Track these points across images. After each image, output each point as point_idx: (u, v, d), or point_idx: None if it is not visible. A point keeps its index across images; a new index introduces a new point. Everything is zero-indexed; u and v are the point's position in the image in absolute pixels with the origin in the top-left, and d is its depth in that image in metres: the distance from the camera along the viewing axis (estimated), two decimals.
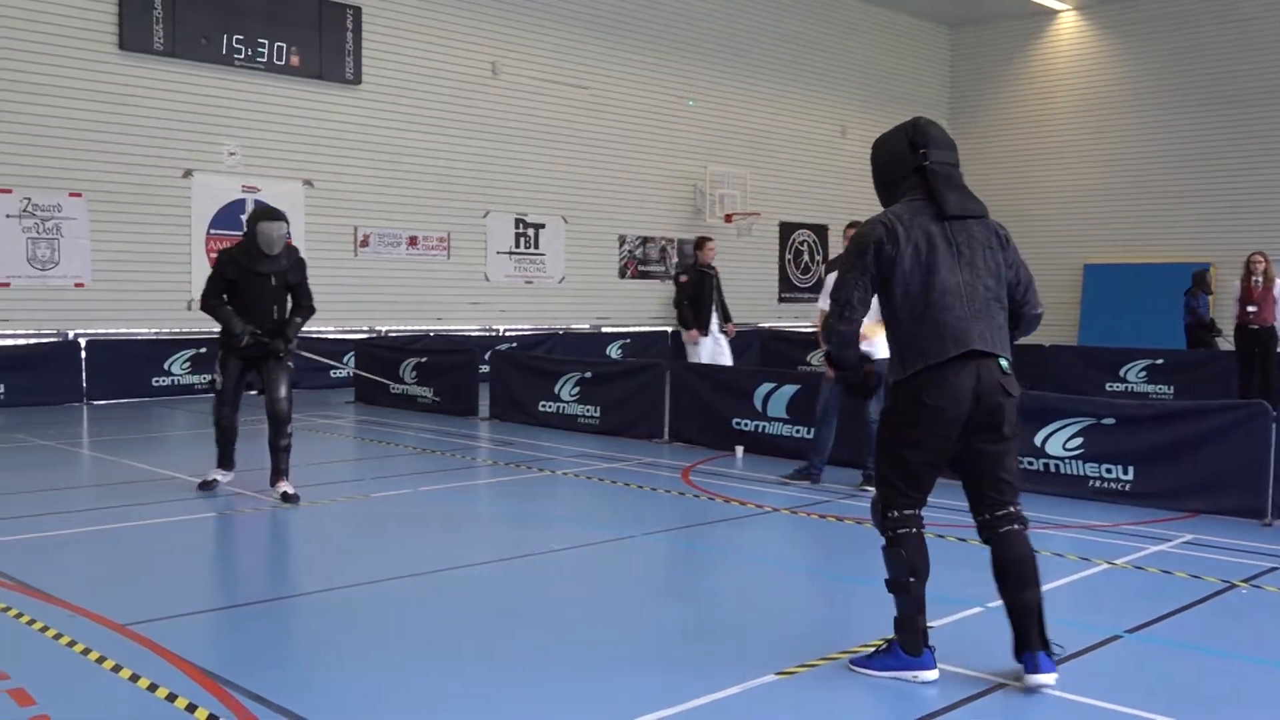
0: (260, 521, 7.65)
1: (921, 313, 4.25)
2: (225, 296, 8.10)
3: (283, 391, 8.13)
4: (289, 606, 5.60)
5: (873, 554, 6.95)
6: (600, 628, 5.17)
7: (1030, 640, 4.33)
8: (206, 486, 8.42)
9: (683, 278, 12.61)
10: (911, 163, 4.42)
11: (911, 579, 4.41)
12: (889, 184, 4.53)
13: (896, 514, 4.46)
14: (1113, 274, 24.50)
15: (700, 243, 12.96)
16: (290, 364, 8.29)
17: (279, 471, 8.19)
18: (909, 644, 4.44)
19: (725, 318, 13.00)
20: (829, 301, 4.51)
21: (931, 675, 4.44)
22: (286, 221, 8.20)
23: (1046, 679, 4.29)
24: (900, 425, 4.38)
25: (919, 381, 4.26)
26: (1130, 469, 8.25)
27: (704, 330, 12.54)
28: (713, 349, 12.64)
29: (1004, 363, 4.30)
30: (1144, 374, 15.95)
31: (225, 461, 8.51)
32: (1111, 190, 24.98)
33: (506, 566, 6.34)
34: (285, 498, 8.03)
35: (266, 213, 8.16)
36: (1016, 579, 4.34)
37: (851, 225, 8.86)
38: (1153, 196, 24.59)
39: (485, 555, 6.59)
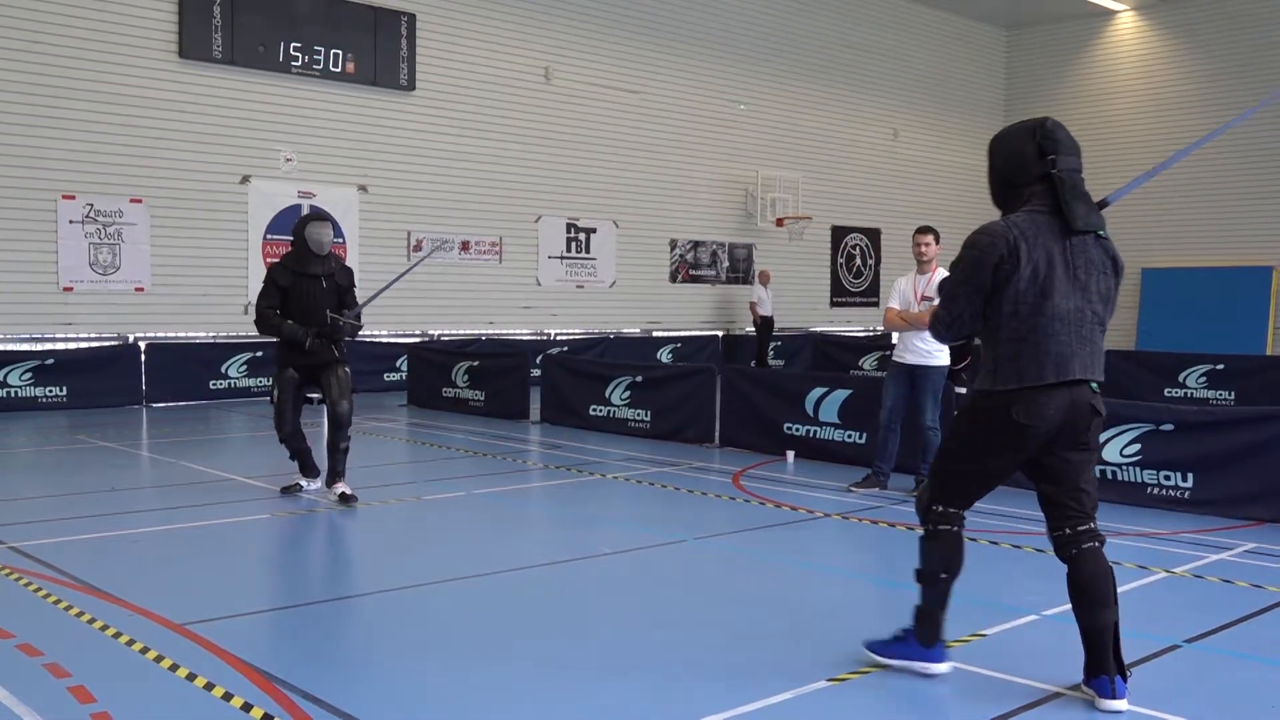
0: (314, 523, 7.73)
1: (1026, 334, 4.11)
2: (278, 309, 8.10)
3: (344, 396, 8.18)
4: (342, 607, 5.65)
5: None
6: (650, 632, 5.16)
7: (1105, 664, 4.20)
8: (289, 491, 8.50)
9: None
10: (1037, 170, 4.20)
11: (943, 575, 4.39)
12: (1009, 186, 4.31)
13: (941, 509, 4.41)
14: (1171, 278, 24.12)
15: None
16: (348, 369, 8.34)
17: (336, 474, 8.26)
18: (926, 636, 4.44)
19: None
20: (939, 302, 4.39)
21: (942, 668, 4.46)
22: (333, 224, 8.32)
23: (1119, 705, 4.17)
24: (980, 432, 4.27)
25: (1010, 398, 4.14)
26: (1190, 476, 8.11)
27: None
28: None
29: (1095, 384, 4.22)
30: (1204, 379, 15.66)
31: (307, 470, 8.57)
32: (1170, 193, 24.58)
33: (557, 569, 6.36)
34: (343, 498, 8.10)
35: (314, 215, 8.33)
36: (1094, 597, 4.20)
37: (923, 231, 8.78)
38: (1212, 199, 24.18)
39: (537, 558, 6.61)
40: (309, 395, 8.36)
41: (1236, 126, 23.48)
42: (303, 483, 8.57)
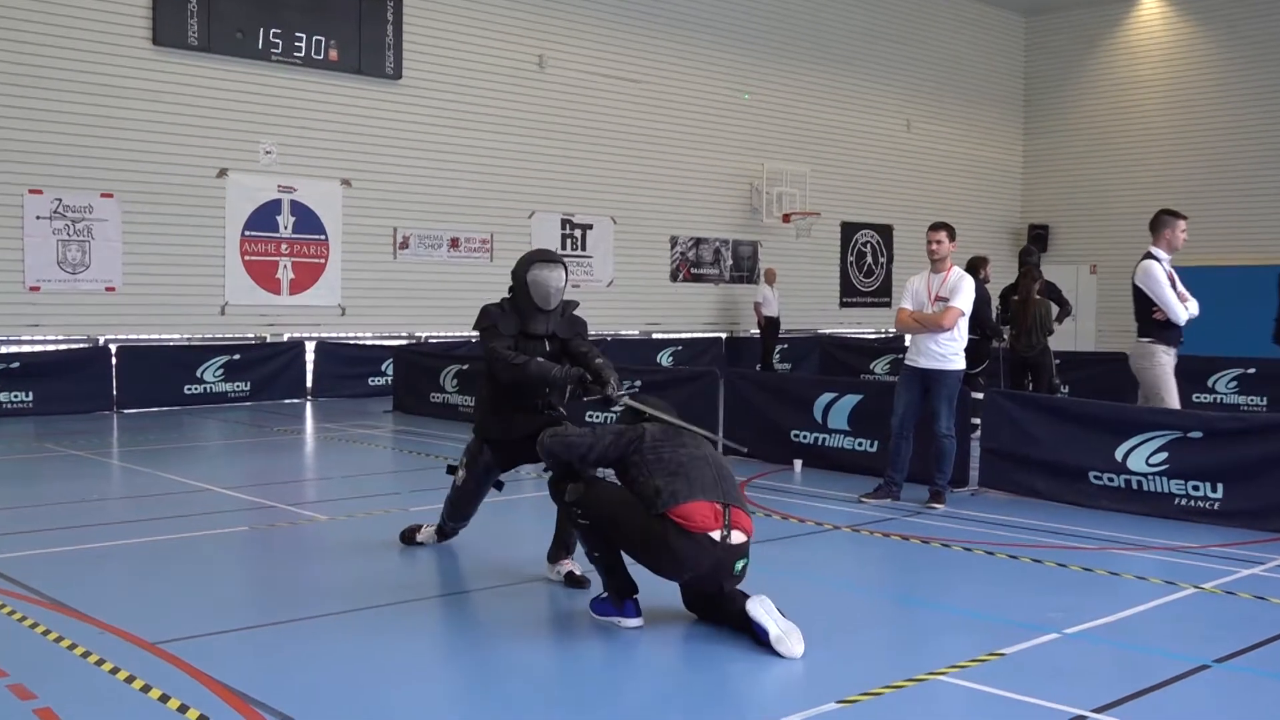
0: (293, 537, 7.72)
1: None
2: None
3: None
4: (324, 625, 5.64)
5: (941, 574, 6.90)
6: (651, 649, 5.15)
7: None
8: (410, 538, 7.29)
9: None
10: None
11: (596, 554, 5.57)
12: None
13: (581, 512, 5.51)
14: (1199, 276, 23.96)
15: None
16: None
17: (564, 546, 6.47)
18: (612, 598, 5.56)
19: None
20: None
21: (633, 622, 5.43)
22: (566, 268, 6.60)
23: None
24: (645, 538, 5.30)
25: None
26: (1219, 486, 8.10)
27: None
28: None
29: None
30: (1234, 384, 15.66)
31: (440, 531, 7.23)
32: (1197, 186, 24.59)
33: (552, 584, 6.34)
34: (571, 579, 6.34)
35: (541, 256, 6.56)
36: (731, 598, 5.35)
37: (935, 227, 8.81)
38: (1242, 193, 24.18)
39: (528, 572, 6.59)
40: (499, 481, 7.00)
41: (1256, 118, 23.46)
42: (422, 536, 7.27)
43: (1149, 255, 9.10)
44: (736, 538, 5.22)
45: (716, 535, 5.15)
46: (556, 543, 6.49)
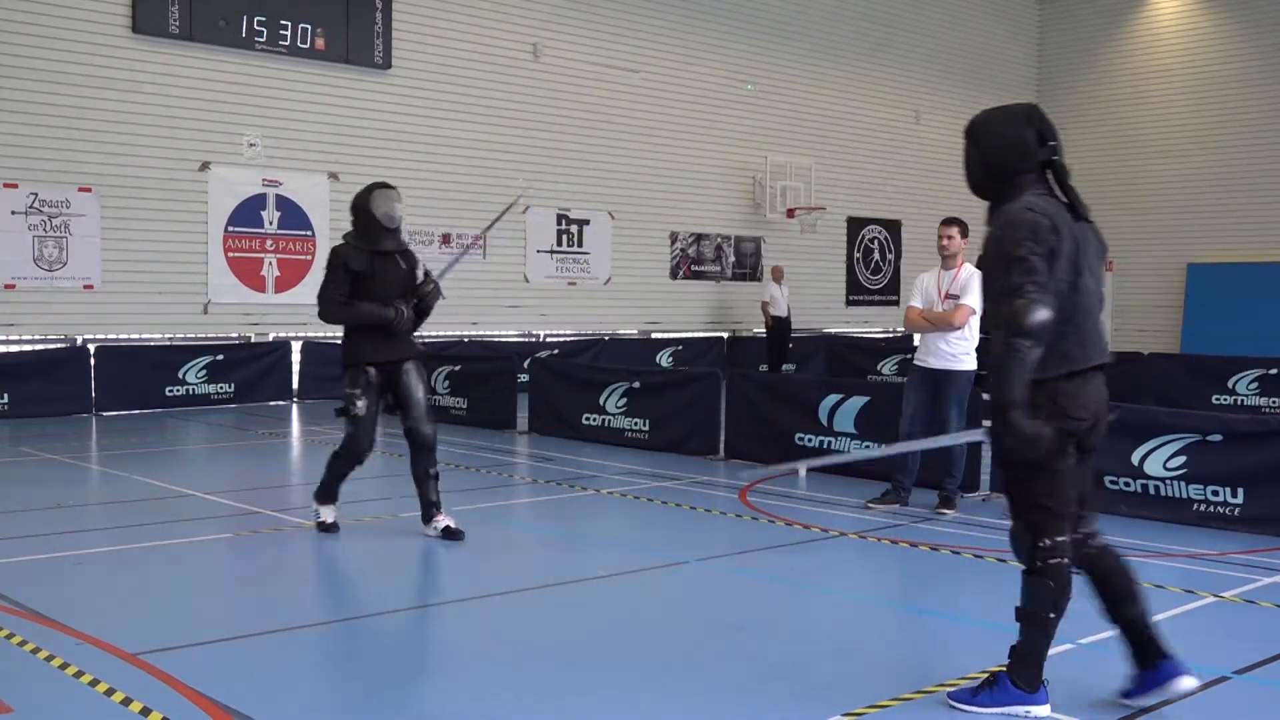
0: (279, 543, 7.73)
1: (1070, 314, 4.20)
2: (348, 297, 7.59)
3: (426, 410, 7.64)
4: (310, 635, 5.65)
5: (951, 583, 6.90)
6: (649, 663, 5.16)
7: (1151, 650, 4.47)
8: (328, 529, 7.77)
9: None
10: (1040, 156, 4.33)
11: (1051, 615, 4.37)
12: (1001, 176, 4.40)
13: (1049, 542, 4.33)
14: (1220, 274, 24.14)
15: None
16: (426, 376, 7.79)
17: (433, 505, 7.65)
18: (1026, 679, 4.39)
19: None
20: (992, 297, 4.29)
21: (1044, 711, 4.41)
22: (398, 192, 7.77)
23: (1192, 681, 4.45)
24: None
25: (1058, 391, 4.22)
26: (1240, 491, 8.10)
27: None
28: None
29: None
30: (1255, 385, 15.67)
31: (330, 496, 7.84)
32: (1219, 182, 24.62)
33: (547, 594, 6.36)
34: (448, 533, 7.53)
35: (378, 183, 7.93)
36: (1126, 587, 4.49)
37: (947, 223, 8.87)
38: (1265, 188, 24.18)
39: (523, 582, 6.61)
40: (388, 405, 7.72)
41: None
42: (331, 516, 7.83)
43: None
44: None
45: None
46: (425, 504, 7.57)
